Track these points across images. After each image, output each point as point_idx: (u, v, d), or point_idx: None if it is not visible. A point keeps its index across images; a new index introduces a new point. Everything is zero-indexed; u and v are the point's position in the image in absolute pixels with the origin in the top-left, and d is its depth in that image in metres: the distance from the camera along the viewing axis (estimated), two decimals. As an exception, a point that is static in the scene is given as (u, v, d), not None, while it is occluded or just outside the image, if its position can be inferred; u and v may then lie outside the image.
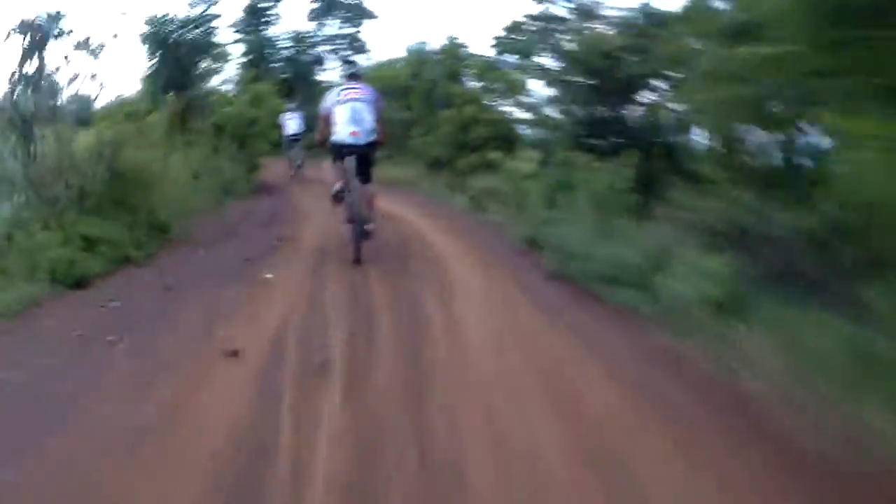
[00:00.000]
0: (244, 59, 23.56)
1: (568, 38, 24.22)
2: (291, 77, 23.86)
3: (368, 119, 4.83)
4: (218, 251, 5.33)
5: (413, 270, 4.75)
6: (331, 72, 28.50)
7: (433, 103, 14.73)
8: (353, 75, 5.28)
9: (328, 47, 24.93)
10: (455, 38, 15.39)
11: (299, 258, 5.10)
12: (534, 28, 25.30)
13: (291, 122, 11.88)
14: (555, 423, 2.23)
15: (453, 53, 15.07)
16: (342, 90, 4.99)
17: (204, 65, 8.77)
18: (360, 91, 4.94)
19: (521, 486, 1.85)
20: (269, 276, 4.47)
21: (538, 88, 16.92)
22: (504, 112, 15.31)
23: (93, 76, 5.89)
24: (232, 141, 9.71)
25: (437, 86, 14.59)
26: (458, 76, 14.69)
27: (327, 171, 5.96)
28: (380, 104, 5.08)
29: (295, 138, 11.89)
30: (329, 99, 5.02)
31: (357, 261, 4.72)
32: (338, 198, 5.02)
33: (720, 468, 1.96)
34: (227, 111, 9.81)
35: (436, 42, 19.59)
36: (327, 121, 4.94)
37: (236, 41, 23.47)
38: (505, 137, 15.10)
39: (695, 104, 6.84)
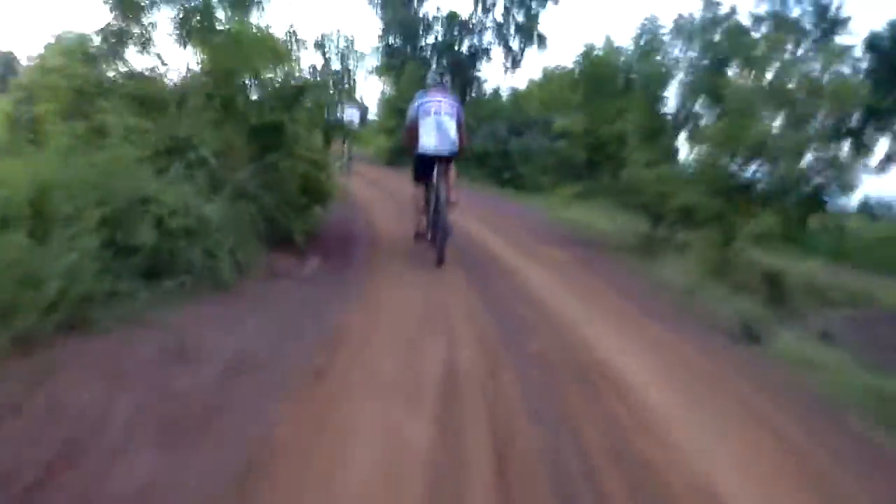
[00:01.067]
0: (383, 43, 18.59)
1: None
2: (444, 69, 18.41)
3: (452, 130, 4.86)
4: None
5: None
6: (495, 67, 22.73)
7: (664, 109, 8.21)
8: (438, 84, 5.18)
9: (492, 38, 19.14)
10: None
11: None
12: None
13: (350, 116, 11.26)
14: None
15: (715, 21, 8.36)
16: (425, 101, 4.98)
17: None
18: (443, 102, 4.96)
19: None
20: None
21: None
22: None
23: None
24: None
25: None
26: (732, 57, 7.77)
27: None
28: (462, 114, 5.06)
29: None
30: (413, 109, 5.06)
31: (440, 261, 4.60)
32: (420, 237, 5.09)
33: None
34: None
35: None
36: (412, 131, 4.98)
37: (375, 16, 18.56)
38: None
39: None
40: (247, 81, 4.20)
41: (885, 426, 2.66)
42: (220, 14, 4.21)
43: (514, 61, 18.82)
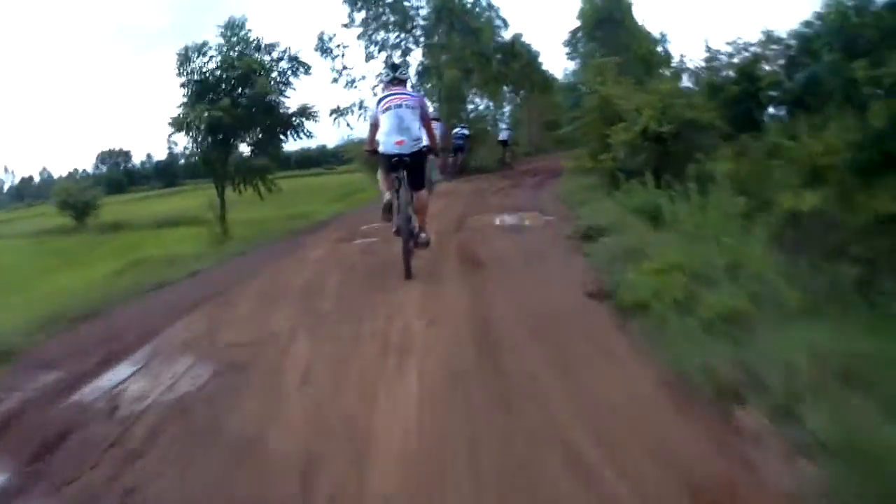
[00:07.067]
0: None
1: None
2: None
3: (414, 126, 4.68)
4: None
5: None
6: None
7: None
8: (395, 80, 4.94)
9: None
10: None
11: None
12: None
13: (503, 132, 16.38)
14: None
15: None
16: (384, 98, 4.79)
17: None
18: (403, 97, 4.74)
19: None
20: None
21: None
22: None
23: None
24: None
25: None
26: None
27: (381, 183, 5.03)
28: (426, 109, 4.93)
29: (503, 143, 16.93)
30: (373, 107, 4.88)
31: (408, 276, 4.56)
32: (387, 210, 4.84)
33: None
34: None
35: None
36: (375, 130, 4.81)
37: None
38: None
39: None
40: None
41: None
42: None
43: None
